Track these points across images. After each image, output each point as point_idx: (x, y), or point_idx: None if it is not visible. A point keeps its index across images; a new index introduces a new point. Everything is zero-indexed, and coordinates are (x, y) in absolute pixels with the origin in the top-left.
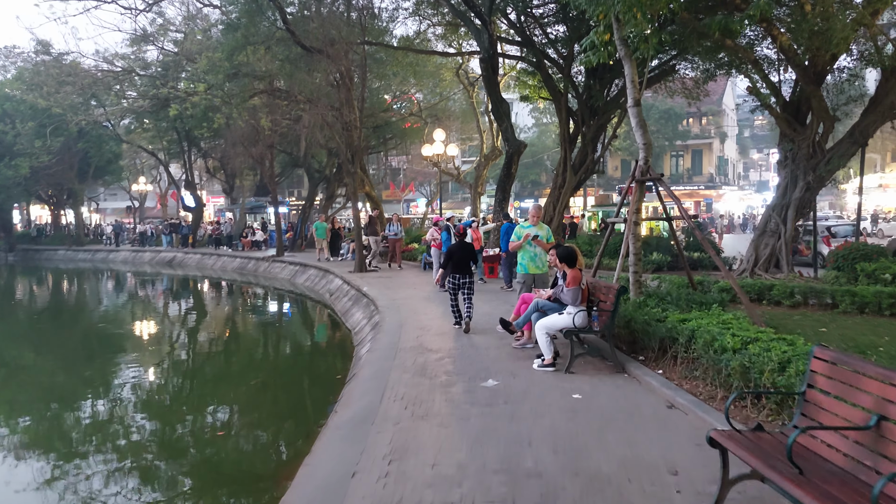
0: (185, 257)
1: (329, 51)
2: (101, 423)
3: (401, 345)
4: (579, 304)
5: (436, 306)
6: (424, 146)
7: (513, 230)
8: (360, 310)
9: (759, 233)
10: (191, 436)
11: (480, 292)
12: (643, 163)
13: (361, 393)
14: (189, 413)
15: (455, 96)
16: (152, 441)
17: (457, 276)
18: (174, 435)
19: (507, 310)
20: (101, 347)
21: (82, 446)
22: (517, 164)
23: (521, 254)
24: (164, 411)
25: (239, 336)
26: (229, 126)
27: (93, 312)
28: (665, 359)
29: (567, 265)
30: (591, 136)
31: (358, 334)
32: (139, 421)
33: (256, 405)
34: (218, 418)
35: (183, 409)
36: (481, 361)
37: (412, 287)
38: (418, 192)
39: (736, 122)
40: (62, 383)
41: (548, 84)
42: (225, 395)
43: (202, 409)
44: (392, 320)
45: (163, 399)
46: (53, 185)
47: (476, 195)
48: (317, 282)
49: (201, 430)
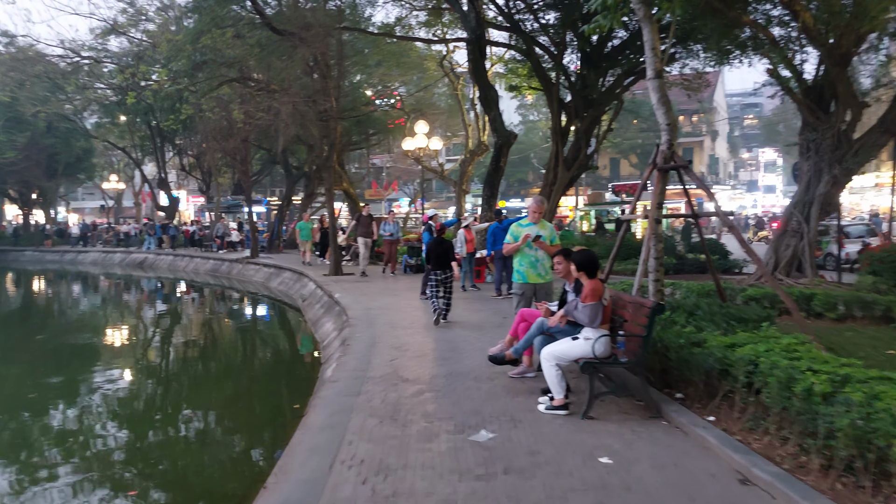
0: (157, 259)
1: (303, 35)
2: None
3: (370, 371)
4: (600, 326)
5: (416, 318)
6: (406, 139)
7: (502, 231)
8: (331, 319)
9: (780, 233)
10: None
11: (467, 300)
12: (666, 147)
13: (307, 452)
14: (86, 463)
15: (439, 90)
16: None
17: (437, 271)
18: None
19: (497, 324)
20: (38, 357)
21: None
22: (507, 156)
23: (519, 258)
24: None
25: (193, 351)
26: (200, 118)
27: (44, 318)
28: (713, 397)
29: (586, 274)
30: (584, 129)
31: (326, 349)
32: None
33: (182, 451)
34: (116, 475)
35: (83, 448)
36: (470, 398)
37: (391, 294)
38: (401, 192)
39: (727, 119)
40: (25, 389)
41: (538, 73)
42: (141, 434)
43: (99, 458)
44: (363, 336)
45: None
46: (21, 182)
47: (461, 193)
48: (291, 286)
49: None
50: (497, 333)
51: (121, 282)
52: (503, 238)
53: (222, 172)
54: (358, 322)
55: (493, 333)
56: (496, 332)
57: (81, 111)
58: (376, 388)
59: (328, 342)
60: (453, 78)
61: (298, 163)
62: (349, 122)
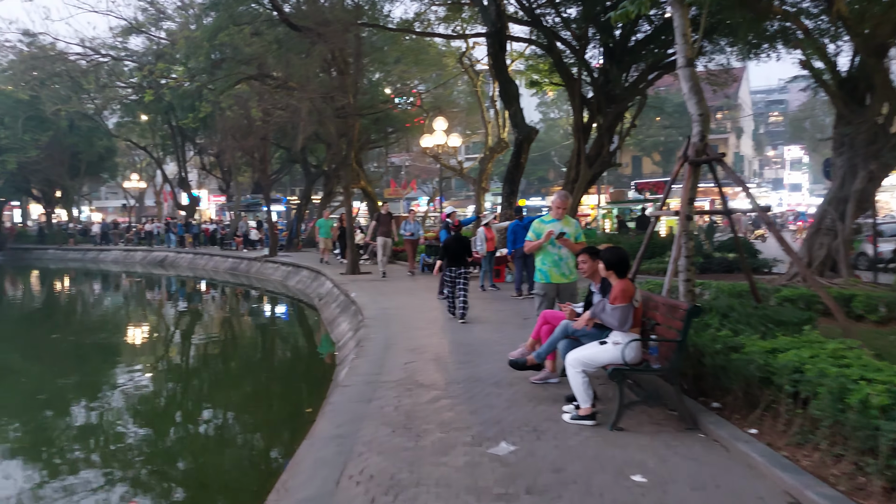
0: (177, 257)
1: (321, 31)
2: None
3: (384, 376)
4: (630, 330)
5: (433, 319)
6: (424, 137)
7: (522, 229)
8: (347, 319)
9: (813, 231)
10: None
11: (487, 301)
12: (698, 139)
13: (313, 466)
14: (99, 462)
15: (459, 87)
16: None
17: (452, 268)
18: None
19: (518, 325)
20: (61, 356)
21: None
22: (527, 152)
23: (542, 257)
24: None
25: (207, 350)
26: (218, 116)
27: (64, 317)
28: (753, 407)
29: (615, 273)
30: (607, 125)
31: (341, 349)
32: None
33: (198, 450)
34: (135, 476)
35: (99, 450)
36: (490, 406)
37: (408, 293)
38: (420, 190)
39: (752, 116)
40: (31, 390)
41: (560, 69)
42: (163, 433)
43: (118, 460)
44: (378, 338)
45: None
46: (44, 181)
47: (480, 191)
48: (308, 284)
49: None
50: (518, 335)
51: (141, 280)
52: (524, 236)
53: (242, 171)
54: (373, 322)
55: (513, 335)
56: (517, 334)
57: (102, 110)
58: (390, 394)
59: (343, 342)
60: (473, 74)
61: (317, 161)
62: (367, 120)
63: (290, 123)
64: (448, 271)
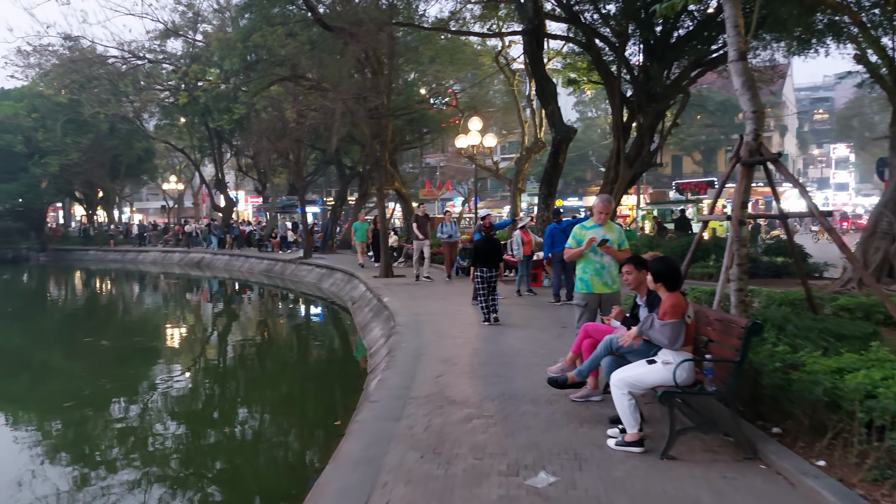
0: (214, 258)
1: (355, 31)
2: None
3: (414, 390)
4: (682, 348)
5: (466, 327)
6: (459, 137)
7: (561, 233)
8: (379, 324)
9: (868, 234)
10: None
11: (523, 307)
12: (752, 137)
13: (337, 496)
14: (123, 466)
15: (495, 87)
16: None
17: (483, 269)
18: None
19: (556, 334)
20: (98, 357)
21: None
22: (565, 153)
23: (583, 265)
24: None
25: (239, 355)
26: (253, 118)
27: (102, 318)
28: (819, 434)
29: (664, 286)
30: (647, 124)
31: (373, 356)
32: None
33: (221, 458)
34: (168, 482)
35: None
36: (527, 427)
37: (441, 298)
38: (455, 191)
39: (797, 114)
40: (73, 389)
41: (599, 66)
42: (188, 437)
43: (143, 461)
44: (410, 346)
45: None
46: (85, 184)
47: (517, 192)
48: (342, 287)
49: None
50: (556, 346)
51: (178, 281)
52: (561, 240)
53: (278, 173)
54: (405, 330)
55: (551, 346)
56: (555, 345)
57: (140, 112)
58: (419, 412)
59: (375, 349)
60: (509, 73)
61: (352, 163)
62: (402, 120)
63: (324, 125)
64: (479, 272)
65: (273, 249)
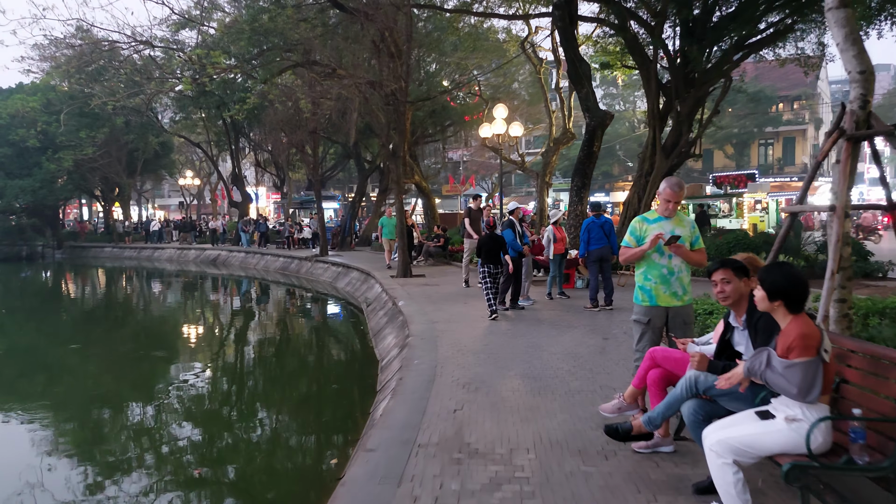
0: (230, 256)
1: (371, 12)
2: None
3: (423, 430)
4: (815, 398)
5: (490, 339)
6: (483, 126)
7: (599, 228)
8: (393, 331)
9: None
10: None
11: (556, 312)
12: (859, 105)
13: None
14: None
15: (520, 77)
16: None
17: (489, 265)
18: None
19: (598, 348)
20: (104, 358)
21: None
22: (601, 140)
23: (644, 270)
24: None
25: (241, 363)
26: (270, 108)
27: (113, 321)
28: None
29: (785, 305)
30: (686, 112)
31: (385, 370)
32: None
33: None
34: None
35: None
36: (575, 498)
37: (462, 302)
38: (479, 186)
39: (831, 105)
40: (82, 389)
41: (633, 50)
42: (165, 454)
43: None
44: (423, 364)
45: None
46: (102, 180)
47: (544, 186)
48: (357, 286)
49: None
50: (598, 365)
51: (192, 280)
52: (599, 236)
53: (297, 168)
54: (419, 342)
55: (592, 363)
56: (597, 363)
57: (149, 102)
58: (428, 470)
59: (387, 361)
60: (536, 61)
61: (372, 156)
62: (423, 111)
63: (341, 113)
64: (485, 267)
65: (292, 246)
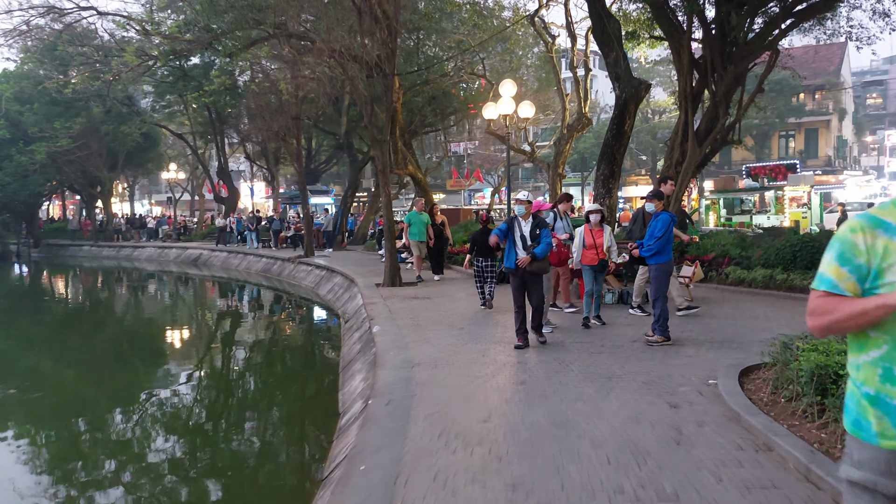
0: (212, 256)
1: None
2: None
3: None
4: None
5: (496, 402)
6: (488, 106)
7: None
8: (363, 370)
9: None
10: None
11: (595, 357)
12: None
13: None
14: None
15: (528, 60)
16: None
17: (481, 259)
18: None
19: (667, 437)
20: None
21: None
22: (634, 117)
23: (887, 350)
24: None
25: (160, 412)
26: (244, 94)
27: (83, 328)
28: None
29: None
30: (723, 91)
31: (341, 435)
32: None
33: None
34: None
35: None
36: None
37: (458, 324)
38: (485, 181)
39: (853, 97)
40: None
41: (661, 20)
42: None
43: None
44: (374, 478)
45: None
46: (80, 173)
47: (556, 178)
48: (339, 294)
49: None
50: (679, 467)
51: (169, 282)
52: (662, 238)
53: (286, 160)
54: (381, 410)
55: (669, 464)
56: (676, 464)
57: (110, 84)
58: None
59: (346, 421)
60: (547, 38)
61: (367, 148)
62: (422, 97)
63: (332, 100)
64: (477, 262)
65: (278, 245)
